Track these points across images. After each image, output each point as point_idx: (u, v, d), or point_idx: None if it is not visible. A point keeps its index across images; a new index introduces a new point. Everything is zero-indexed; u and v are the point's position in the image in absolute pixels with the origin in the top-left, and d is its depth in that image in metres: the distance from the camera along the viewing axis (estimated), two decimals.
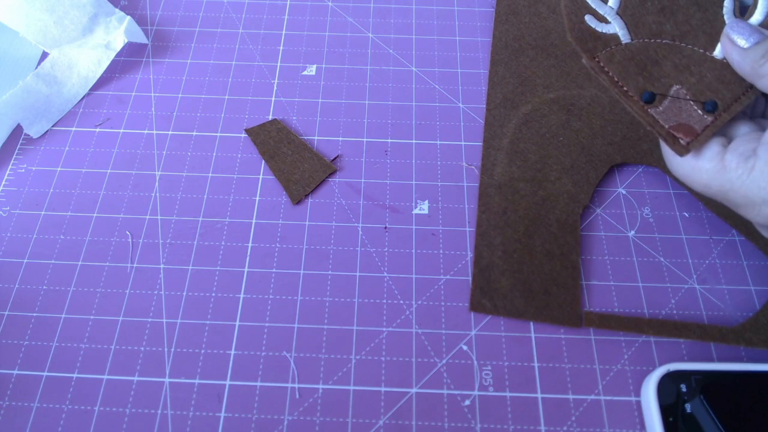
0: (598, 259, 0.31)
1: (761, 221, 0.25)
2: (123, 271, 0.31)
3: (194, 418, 0.27)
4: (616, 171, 0.34)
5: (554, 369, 0.28)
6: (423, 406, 0.27)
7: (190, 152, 0.35)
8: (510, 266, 0.30)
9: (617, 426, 0.26)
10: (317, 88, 0.38)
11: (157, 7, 0.42)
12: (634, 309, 0.30)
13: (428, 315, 0.30)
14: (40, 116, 0.36)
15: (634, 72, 0.27)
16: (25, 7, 0.38)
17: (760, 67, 0.24)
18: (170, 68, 0.39)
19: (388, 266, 0.31)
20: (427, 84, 0.38)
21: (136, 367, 0.28)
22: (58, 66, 0.37)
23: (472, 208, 0.33)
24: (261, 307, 0.30)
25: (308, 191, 0.33)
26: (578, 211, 0.32)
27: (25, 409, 0.27)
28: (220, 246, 0.32)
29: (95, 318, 0.29)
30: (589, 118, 0.35)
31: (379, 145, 0.35)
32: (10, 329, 0.29)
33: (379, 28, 0.41)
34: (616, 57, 0.27)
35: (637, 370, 0.28)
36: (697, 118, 0.26)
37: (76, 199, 0.33)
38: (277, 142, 0.35)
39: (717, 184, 0.25)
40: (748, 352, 0.28)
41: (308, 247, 0.32)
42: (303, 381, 0.28)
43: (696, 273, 0.31)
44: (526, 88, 0.37)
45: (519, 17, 0.41)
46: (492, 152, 0.34)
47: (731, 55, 0.26)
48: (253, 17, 0.42)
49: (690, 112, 0.26)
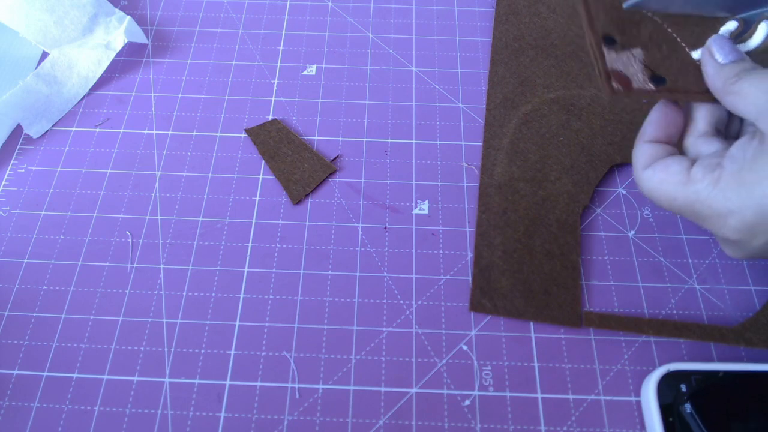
0: (598, 259, 0.31)
1: (728, 234, 0.24)
2: (123, 271, 0.31)
3: (194, 418, 0.27)
4: (616, 171, 0.34)
5: (554, 369, 0.28)
6: (423, 406, 0.27)
7: (190, 152, 0.35)
8: (510, 266, 0.30)
9: (617, 426, 0.26)
10: (317, 88, 0.38)
11: (157, 7, 0.42)
12: (634, 309, 0.30)
13: (428, 315, 0.30)
14: (40, 116, 0.36)
15: (612, 19, 0.28)
16: (25, 7, 0.38)
17: (731, 85, 0.24)
18: (170, 68, 0.39)
19: (388, 266, 0.31)
20: (427, 84, 0.38)
21: (136, 367, 0.28)
22: (58, 66, 0.37)
23: (472, 208, 0.33)
24: (261, 307, 0.30)
25: (308, 191, 0.33)
26: (578, 211, 0.32)
27: (25, 409, 0.27)
28: (220, 246, 0.32)
29: (95, 318, 0.29)
30: (589, 118, 0.35)
31: (379, 145, 0.35)
32: (10, 329, 0.29)
33: (379, 28, 0.41)
34: None
35: (637, 370, 0.28)
36: (641, 80, 0.26)
37: (76, 199, 0.33)
38: (277, 142, 0.35)
39: (683, 196, 0.25)
40: (748, 352, 0.28)
41: (308, 247, 0.32)
42: (303, 381, 0.28)
43: (696, 273, 0.31)
44: (526, 88, 0.37)
45: (519, 17, 0.41)
46: (492, 152, 0.34)
47: (706, 66, 0.26)
48: (253, 17, 0.42)
49: (636, 74, 0.26)
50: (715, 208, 0.24)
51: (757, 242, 0.24)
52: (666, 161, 0.26)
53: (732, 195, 0.23)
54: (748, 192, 0.22)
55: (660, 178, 0.26)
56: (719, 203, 0.23)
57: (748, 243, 0.24)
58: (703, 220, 0.25)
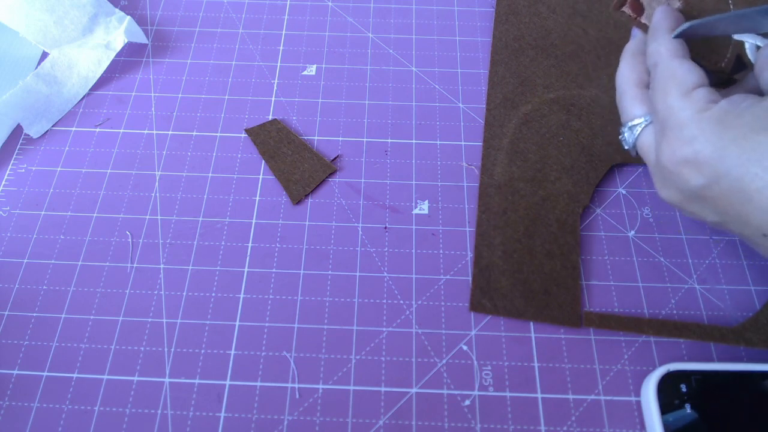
0: (598, 259, 0.31)
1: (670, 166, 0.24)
2: (123, 271, 0.31)
3: (194, 418, 0.27)
4: (616, 171, 0.34)
5: (554, 369, 0.28)
6: (423, 406, 0.27)
7: (190, 152, 0.35)
8: (510, 266, 0.30)
9: (617, 426, 0.26)
10: (317, 88, 0.38)
11: (157, 7, 0.42)
12: (634, 309, 0.30)
13: (428, 315, 0.30)
14: (40, 116, 0.36)
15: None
16: (25, 7, 0.38)
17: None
18: (170, 68, 0.39)
19: (388, 266, 0.31)
20: (427, 84, 0.38)
21: (136, 367, 0.28)
22: (58, 66, 0.37)
23: (472, 208, 0.33)
24: (261, 307, 0.30)
25: (308, 191, 0.33)
26: (578, 211, 0.32)
27: (25, 409, 0.27)
28: (220, 246, 0.32)
29: (95, 318, 0.29)
30: (589, 118, 0.35)
31: (379, 145, 0.35)
32: (10, 329, 0.29)
33: (379, 28, 0.41)
34: None
35: (637, 370, 0.28)
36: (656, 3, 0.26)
37: (76, 199, 0.33)
38: (277, 142, 0.35)
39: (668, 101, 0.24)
40: (748, 352, 0.28)
41: (308, 247, 0.32)
42: (303, 381, 0.28)
43: (696, 273, 0.31)
44: (526, 88, 0.37)
45: (519, 17, 0.41)
46: (492, 152, 0.34)
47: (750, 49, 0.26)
48: (253, 17, 0.42)
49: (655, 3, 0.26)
50: (684, 131, 0.23)
51: (695, 183, 0.23)
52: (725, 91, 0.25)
53: (706, 126, 0.22)
54: (721, 131, 0.22)
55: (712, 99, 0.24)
56: (689, 128, 0.23)
57: (686, 182, 0.23)
58: (664, 130, 0.24)
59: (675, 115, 0.24)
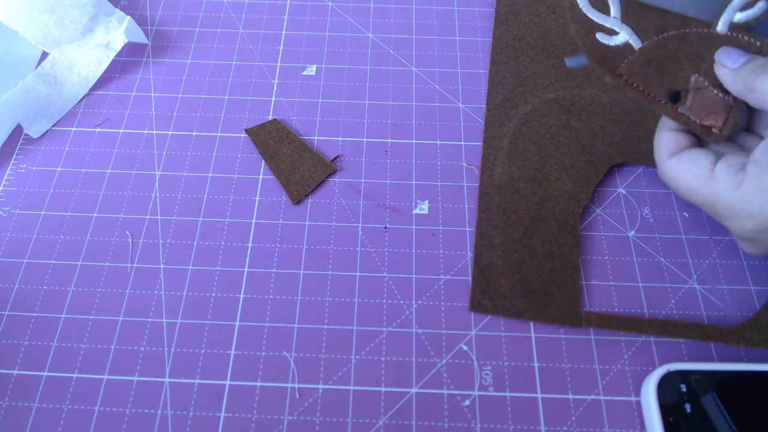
0: (598, 259, 0.31)
1: (743, 234, 0.26)
2: (123, 271, 0.31)
3: (194, 418, 0.27)
4: (616, 171, 0.34)
5: (554, 369, 0.28)
6: (423, 406, 0.27)
7: (190, 152, 0.35)
8: (510, 266, 0.30)
9: (617, 426, 0.26)
10: (317, 88, 0.38)
11: (157, 7, 0.42)
12: (634, 309, 0.30)
13: (428, 315, 0.30)
14: (40, 116, 0.36)
15: (655, 75, 0.28)
16: (25, 7, 0.38)
17: (752, 82, 0.25)
18: (170, 68, 0.39)
19: (388, 266, 0.31)
20: (427, 84, 0.38)
21: (136, 367, 0.28)
22: (58, 66, 0.37)
23: (472, 208, 0.33)
24: (261, 307, 0.30)
25: (308, 191, 0.33)
26: (578, 211, 0.32)
27: (25, 409, 0.27)
28: (220, 246, 0.32)
29: (95, 318, 0.29)
30: (589, 118, 0.35)
31: (379, 145, 0.35)
32: (10, 329, 0.29)
33: (379, 28, 0.41)
34: (636, 65, 0.28)
35: (637, 370, 0.28)
36: (720, 101, 0.27)
37: (76, 199, 0.33)
38: (277, 142, 0.35)
39: (705, 192, 0.26)
40: (748, 352, 0.28)
41: (308, 247, 0.32)
42: (303, 381, 0.28)
43: (696, 273, 0.31)
44: (526, 88, 0.37)
45: (519, 17, 0.41)
46: (492, 152, 0.34)
47: (724, 77, 0.27)
48: (253, 17, 0.42)
49: (713, 99, 0.28)
50: (735, 209, 0.25)
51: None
52: (693, 153, 0.27)
53: (752, 199, 0.24)
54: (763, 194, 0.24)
55: (684, 169, 0.27)
56: (739, 205, 0.25)
57: (765, 241, 0.25)
58: (721, 217, 0.26)
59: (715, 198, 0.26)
